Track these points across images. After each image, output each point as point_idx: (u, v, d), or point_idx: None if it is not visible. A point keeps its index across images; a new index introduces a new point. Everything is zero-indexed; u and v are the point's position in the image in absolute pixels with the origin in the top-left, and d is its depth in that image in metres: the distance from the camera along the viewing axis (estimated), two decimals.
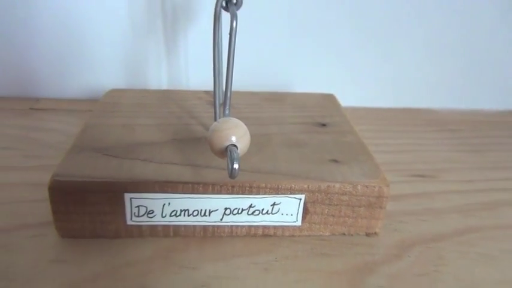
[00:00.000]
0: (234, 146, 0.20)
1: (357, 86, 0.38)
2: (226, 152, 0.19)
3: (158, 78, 0.37)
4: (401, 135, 0.35)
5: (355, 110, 0.37)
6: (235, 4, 0.22)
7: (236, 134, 0.20)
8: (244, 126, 0.20)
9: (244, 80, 0.35)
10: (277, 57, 0.37)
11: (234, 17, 0.21)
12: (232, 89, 0.25)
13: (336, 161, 0.24)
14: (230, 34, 0.20)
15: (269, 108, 0.31)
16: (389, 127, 0.36)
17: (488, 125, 0.38)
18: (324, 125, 0.28)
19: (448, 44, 0.37)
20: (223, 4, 0.22)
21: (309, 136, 0.27)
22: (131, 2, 0.34)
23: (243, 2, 0.22)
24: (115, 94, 0.31)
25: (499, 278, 0.21)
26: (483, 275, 0.22)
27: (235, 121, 0.20)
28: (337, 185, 0.22)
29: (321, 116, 0.30)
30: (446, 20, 0.36)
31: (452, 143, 0.34)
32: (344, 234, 0.24)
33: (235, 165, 0.18)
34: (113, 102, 0.30)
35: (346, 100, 0.35)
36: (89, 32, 0.35)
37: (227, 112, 0.23)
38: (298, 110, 0.30)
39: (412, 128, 0.36)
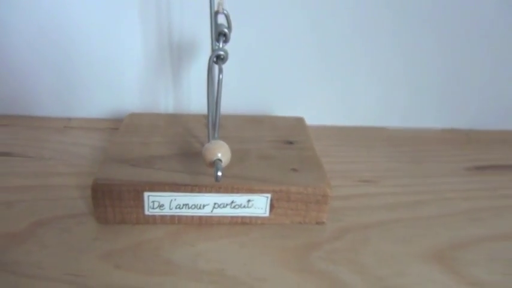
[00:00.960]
0: (219, 160, 0.29)
1: (323, 108, 0.47)
2: (214, 163, 0.29)
3: (166, 103, 0.46)
4: (355, 149, 0.44)
5: (320, 128, 0.46)
6: (222, 60, 0.31)
7: (221, 152, 0.29)
8: (227, 146, 0.29)
9: (235, 103, 0.45)
10: (260, 86, 0.46)
11: (220, 71, 0.30)
12: (224, 112, 0.34)
13: (295, 170, 0.33)
14: (218, 84, 0.30)
15: (250, 129, 0.40)
16: (346, 142, 0.45)
17: (428, 140, 0.46)
18: (291, 142, 0.38)
19: (396, 72, 0.46)
20: (214, 59, 0.31)
21: (278, 151, 0.36)
22: (145, 43, 0.43)
23: (229, 56, 0.32)
24: (134, 117, 0.41)
25: (406, 252, 0.30)
26: (395, 250, 0.31)
27: (221, 143, 0.29)
28: (294, 188, 0.32)
29: (290, 135, 0.39)
30: (394, 52, 0.45)
31: (395, 156, 0.43)
32: (300, 222, 0.33)
33: (219, 173, 0.27)
34: (133, 123, 0.39)
35: (314, 120, 0.45)
36: (112, 66, 0.44)
37: (216, 136, 0.32)
38: (273, 130, 0.40)
39: (364, 143, 0.45)
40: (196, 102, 0.46)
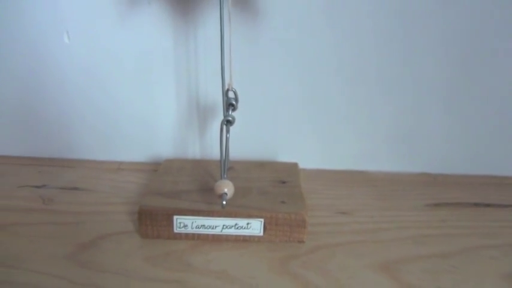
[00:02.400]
0: (225, 193, 0.41)
1: (315, 155, 0.59)
2: (221, 196, 0.41)
3: (193, 151, 0.59)
4: (339, 188, 0.55)
5: (313, 171, 0.58)
6: (231, 123, 0.44)
7: (226, 187, 0.41)
8: (231, 184, 0.42)
9: (246, 151, 0.58)
10: (266, 137, 0.59)
11: (228, 132, 0.43)
12: (237, 158, 0.48)
13: (283, 202, 0.45)
14: (226, 141, 0.43)
15: (255, 172, 0.52)
16: (332, 182, 0.56)
17: (400, 182, 0.57)
18: (284, 182, 0.50)
19: (376, 126, 0.57)
20: (225, 123, 0.44)
21: (274, 188, 0.48)
22: (179, 105, 0.57)
23: (236, 120, 0.45)
24: (168, 162, 0.54)
25: (361, 264, 0.41)
26: (353, 262, 0.41)
27: (227, 181, 0.42)
28: (281, 214, 0.43)
29: (284, 176, 0.51)
30: (373, 111, 0.56)
31: (372, 194, 0.54)
32: (286, 241, 0.44)
33: (224, 202, 0.40)
34: (168, 166, 0.53)
35: (308, 164, 0.57)
36: (152, 123, 0.58)
37: (225, 176, 0.45)
38: (272, 173, 0.52)
39: (347, 183, 0.56)
40: (217, 150, 0.58)
